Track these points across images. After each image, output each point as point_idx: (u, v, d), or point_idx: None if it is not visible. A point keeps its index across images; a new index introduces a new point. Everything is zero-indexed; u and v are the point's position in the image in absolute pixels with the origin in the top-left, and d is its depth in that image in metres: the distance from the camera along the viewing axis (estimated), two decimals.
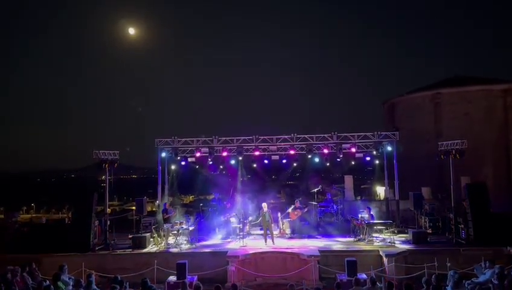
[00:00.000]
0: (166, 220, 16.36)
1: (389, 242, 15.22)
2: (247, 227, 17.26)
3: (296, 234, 17.05)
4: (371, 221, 15.90)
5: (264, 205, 15.88)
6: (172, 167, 19.28)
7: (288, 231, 17.36)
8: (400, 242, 15.47)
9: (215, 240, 16.69)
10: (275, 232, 16.49)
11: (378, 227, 15.96)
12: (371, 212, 16.40)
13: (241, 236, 15.64)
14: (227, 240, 16.45)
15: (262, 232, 16.72)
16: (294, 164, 19.36)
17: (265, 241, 15.55)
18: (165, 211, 16.67)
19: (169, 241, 15.70)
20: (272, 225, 15.90)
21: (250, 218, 17.66)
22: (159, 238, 15.73)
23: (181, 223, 16.02)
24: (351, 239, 16.14)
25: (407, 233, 16.43)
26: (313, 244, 15.35)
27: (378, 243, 15.29)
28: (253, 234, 17.47)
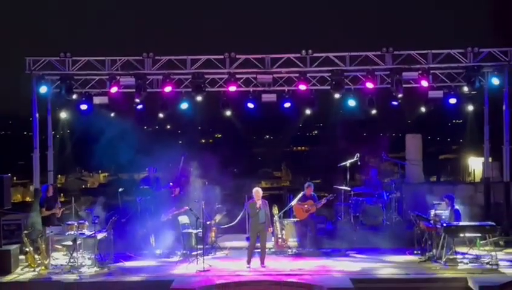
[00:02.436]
0: (48, 220, 16.35)
1: (489, 263, 15.39)
2: (212, 233, 17.40)
3: (307, 247, 17.25)
4: (454, 223, 15.98)
5: (258, 191, 15.91)
6: (63, 116, 19.01)
7: (292, 241, 17.51)
8: (508, 263, 15.70)
9: (149, 258, 16.85)
10: (268, 244, 16.53)
11: (467, 234, 16.13)
12: (455, 207, 16.44)
13: (201, 251, 15.69)
14: (173, 259, 16.63)
15: (244, 243, 16.85)
16: (307, 112, 19.27)
17: (249, 261, 15.68)
18: (44, 201, 16.57)
19: (57, 261, 15.81)
20: (270, 229, 16.22)
21: (217, 216, 17.74)
22: (36, 255, 15.67)
23: (80, 225, 16.05)
24: (414, 257, 16.37)
25: None
26: (341, 268, 15.55)
27: (466, 265, 15.48)
28: (224, 248, 17.67)
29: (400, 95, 18.22)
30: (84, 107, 18.50)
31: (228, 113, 19.17)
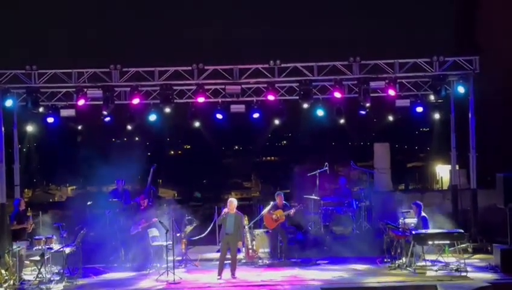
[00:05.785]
0: (18, 235, 16.28)
1: (457, 270, 15.53)
2: (183, 245, 17.35)
3: (278, 257, 17.32)
4: (423, 231, 16.13)
5: (233, 202, 15.98)
6: (29, 129, 19.00)
7: (262, 251, 17.59)
8: (477, 270, 15.86)
9: (119, 272, 16.80)
10: (238, 255, 16.56)
11: (435, 242, 16.23)
12: (422, 214, 16.62)
13: (172, 263, 15.58)
14: (143, 272, 16.58)
15: (215, 255, 16.89)
16: (276, 122, 19.35)
17: (220, 273, 15.66)
18: (16, 216, 16.50)
19: (25, 276, 15.75)
20: (240, 243, 16.24)
21: (188, 228, 17.68)
22: (3, 271, 15.52)
23: (48, 239, 15.98)
24: (384, 266, 16.49)
25: (490, 252, 16.85)
26: (312, 278, 15.60)
27: (435, 272, 15.63)
28: (195, 260, 17.57)
29: (367, 104, 18.35)
30: (51, 120, 18.38)
31: (197, 124, 19.16)
